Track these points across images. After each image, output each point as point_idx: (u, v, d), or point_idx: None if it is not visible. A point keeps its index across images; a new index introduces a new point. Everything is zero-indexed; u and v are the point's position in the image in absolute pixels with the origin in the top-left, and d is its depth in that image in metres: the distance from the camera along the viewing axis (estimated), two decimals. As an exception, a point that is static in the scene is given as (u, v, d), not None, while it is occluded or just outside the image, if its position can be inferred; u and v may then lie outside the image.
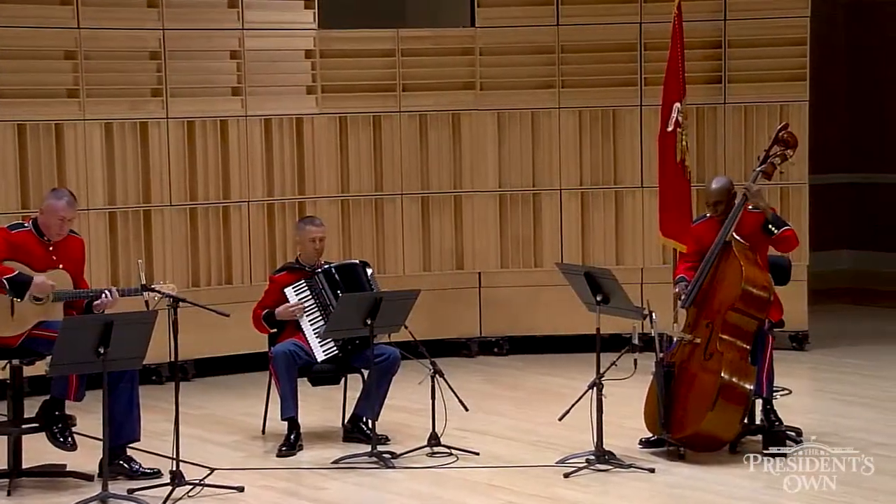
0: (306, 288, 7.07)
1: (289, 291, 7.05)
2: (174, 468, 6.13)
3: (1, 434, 6.47)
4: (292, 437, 6.93)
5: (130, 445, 6.46)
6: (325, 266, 7.15)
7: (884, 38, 12.60)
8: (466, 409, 6.85)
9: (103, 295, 6.40)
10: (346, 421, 7.17)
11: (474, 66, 9.31)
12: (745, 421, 6.66)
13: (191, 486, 6.14)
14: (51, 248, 6.48)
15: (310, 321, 7.02)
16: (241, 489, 6.22)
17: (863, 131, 12.75)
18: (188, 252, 8.73)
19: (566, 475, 6.34)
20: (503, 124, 9.34)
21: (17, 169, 8.22)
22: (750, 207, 6.77)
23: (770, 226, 6.71)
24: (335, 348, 7.01)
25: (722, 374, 6.51)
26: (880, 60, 12.60)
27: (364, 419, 7.02)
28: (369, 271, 7.16)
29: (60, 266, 6.46)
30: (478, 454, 6.75)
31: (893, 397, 7.87)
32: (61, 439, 6.46)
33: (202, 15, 8.74)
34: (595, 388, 6.44)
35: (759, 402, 6.80)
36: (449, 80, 9.31)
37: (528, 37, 9.29)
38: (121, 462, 6.39)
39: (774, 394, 6.91)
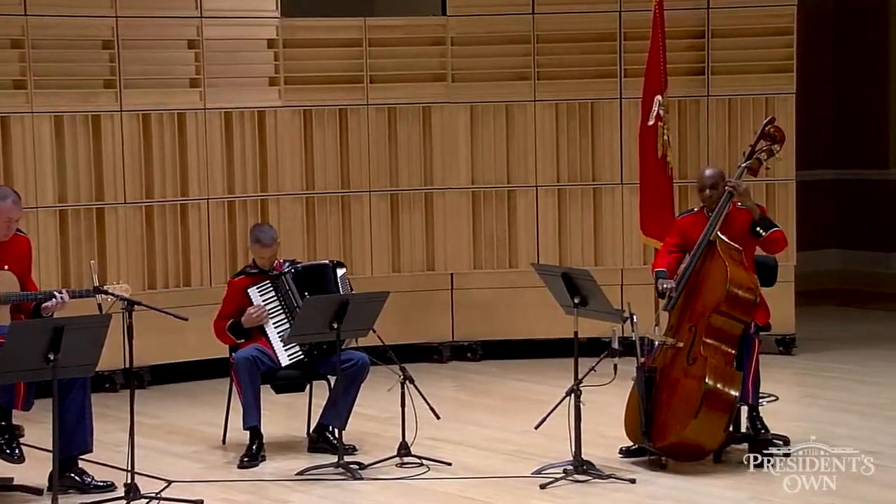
0: (271, 288, 7.04)
1: (253, 292, 7.02)
2: (129, 481, 6.09)
3: (-56, 446, 6.42)
4: (255, 447, 6.90)
5: (82, 457, 6.42)
6: (292, 266, 7.13)
7: (873, 27, 12.66)
8: (438, 418, 6.84)
9: (52, 297, 6.35)
10: (311, 430, 7.15)
11: (446, 57, 9.31)
12: (730, 429, 6.67)
13: (147, 500, 6.11)
14: (-6, 248, 6.44)
15: (274, 324, 7.00)
16: (200, 503, 6.19)
17: (852, 125, 12.81)
18: (144, 252, 8.69)
19: (542, 486, 6.34)
20: (476, 118, 9.33)
21: (-39, 165, 8.18)
22: (738, 205, 6.79)
23: (758, 227, 6.74)
24: (300, 353, 6.99)
25: (706, 380, 6.52)
26: (870, 51, 12.67)
27: (330, 428, 7.00)
28: (340, 272, 7.14)
29: (6, 267, 6.42)
30: (450, 465, 6.75)
31: (884, 404, 7.91)
32: (8, 451, 6.41)
33: (158, 2, 8.70)
34: (573, 395, 6.45)
35: (744, 410, 6.82)
36: (419, 72, 9.30)
37: (503, 26, 9.29)
38: (72, 475, 6.35)
39: (760, 400, 6.93)
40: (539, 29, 9.27)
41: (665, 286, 6.75)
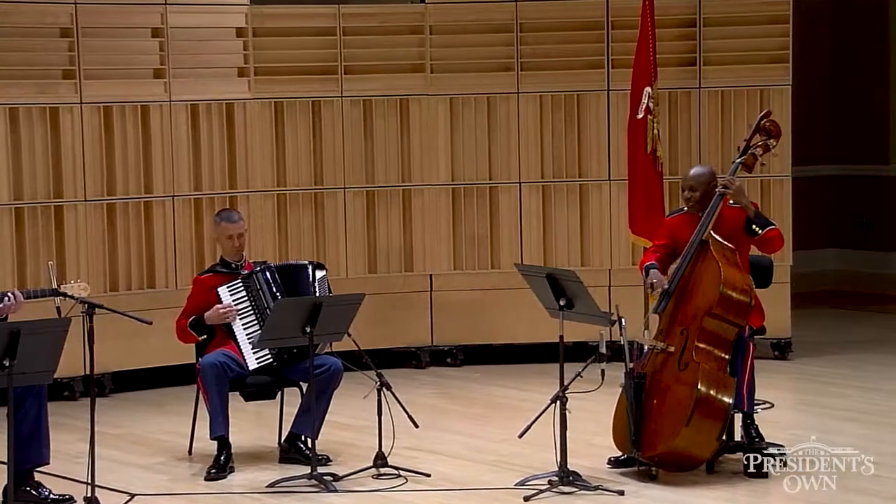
0: (242, 288, 7.02)
1: (223, 291, 7.00)
2: (89, 494, 6.07)
3: None
4: (222, 458, 6.88)
5: (38, 469, 6.39)
6: (265, 265, 7.11)
7: (873, 17, 12.70)
8: (416, 426, 6.83)
9: (5, 298, 6.30)
10: (282, 440, 7.13)
11: (424, 47, 9.29)
12: (724, 437, 6.67)
13: (108, 515, 6.09)
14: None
15: (244, 325, 6.98)
16: (164, 517, 6.18)
17: (850, 119, 12.84)
18: (105, 253, 8.65)
19: (527, 498, 6.33)
20: (456, 111, 9.33)
21: (-89, 160, 8.13)
22: (731, 202, 6.79)
23: (753, 225, 6.73)
24: (269, 356, 6.96)
25: (698, 387, 6.52)
26: (869, 42, 12.70)
27: (303, 438, 6.99)
28: (320, 274, 7.12)
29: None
30: (429, 476, 6.73)
31: (884, 411, 7.93)
32: (-40, 463, 6.37)
33: (120, -12, 8.68)
34: (558, 402, 6.44)
35: (738, 417, 6.82)
36: (396, 62, 9.28)
37: (484, 14, 9.28)
38: (28, 489, 6.32)
39: (755, 407, 6.95)
40: (523, 17, 9.26)
41: (655, 283, 6.73)
